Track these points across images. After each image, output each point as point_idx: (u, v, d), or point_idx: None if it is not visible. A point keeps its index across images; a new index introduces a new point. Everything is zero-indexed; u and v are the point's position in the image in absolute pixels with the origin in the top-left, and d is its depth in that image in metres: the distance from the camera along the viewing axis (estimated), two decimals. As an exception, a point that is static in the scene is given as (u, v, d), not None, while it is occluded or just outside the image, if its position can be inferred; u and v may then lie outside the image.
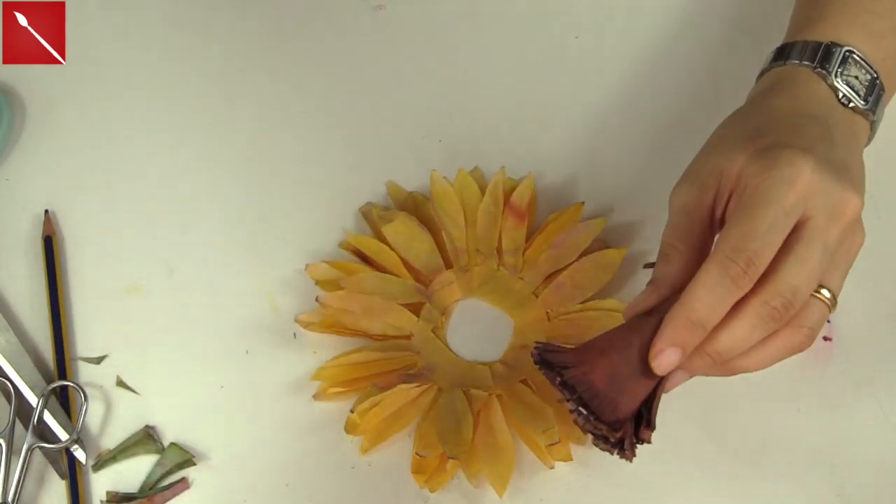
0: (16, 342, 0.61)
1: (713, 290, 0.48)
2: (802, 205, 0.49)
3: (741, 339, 0.49)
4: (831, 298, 0.51)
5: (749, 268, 0.48)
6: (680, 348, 0.48)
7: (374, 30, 0.73)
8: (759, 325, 0.48)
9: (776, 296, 0.48)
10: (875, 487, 0.57)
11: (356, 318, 0.60)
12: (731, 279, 0.48)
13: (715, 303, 0.48)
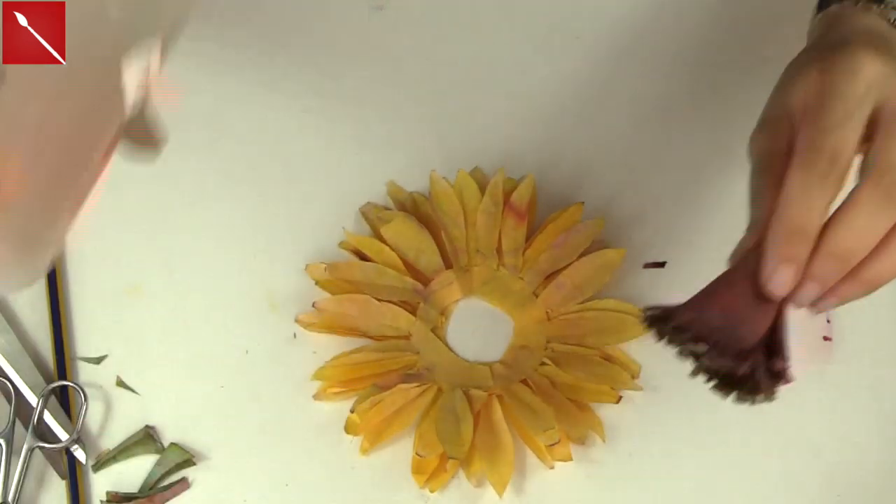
0: (16, 342, 0.61)
1: (804, 194, 0.46)
2: (875, 92, 0.47)
3: (863, 229, 0.45)
4: None
5: (834, 162, 0.45)
6: (791, 262, 0.46)
7: (374, 30, 0.73)
8: (878, 208, 0.45)
9: (884, 174, 0.45)
10: (875, 487, 0.57)
11: (354, 319, 0.60)
12: (818, 177, 0.45)
13: (810, 206, 0.45)
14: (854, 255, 0.46)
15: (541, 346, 0.60)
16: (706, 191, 0.66)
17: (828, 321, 0.61)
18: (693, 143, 0.68)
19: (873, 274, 0.46)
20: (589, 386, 0.59)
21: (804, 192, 0.46)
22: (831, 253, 0.46)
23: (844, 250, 0.46)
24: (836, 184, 0.46)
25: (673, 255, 0.64)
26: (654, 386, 0.60)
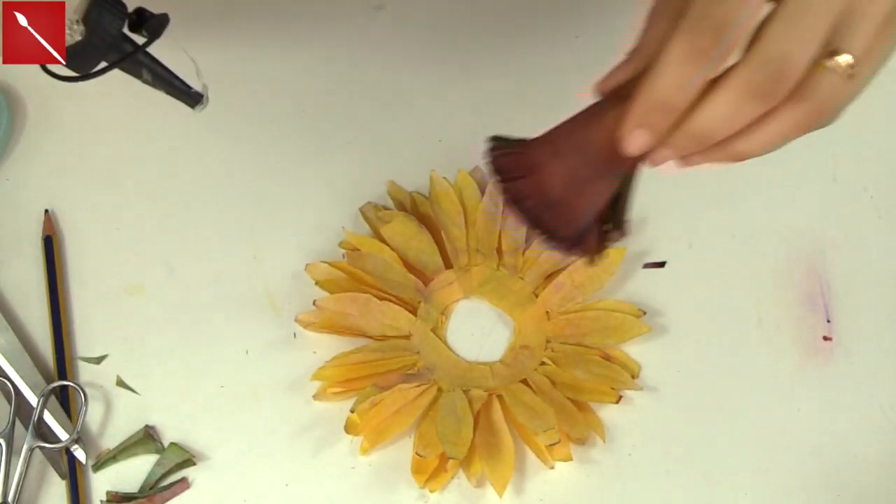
0: (16, 342, 0.61)
1: (679, 65, 0.41)
2: None
3: (724, 119, 0.42)
4: (848, 65, 0.42)
5: (718, 36, 0.41)
6: (649, 129, 0.43)
7: (374, 30, 0.73)
8: (744, 102, 0.41)
9: (760, 66, 0.41)
10: (875, 487, 0.57)
11: (354, 319, 0.60)
12: (697, 52, 0.41)
13: (681, 80, 0.41)
14: (714, 137, 0.43)
15: (541, 346, 0.60)
16: (706, 191, 0.66)
17: (828, 321, 0.61)
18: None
19: (735, 150, 0.44)
20: (589, 386, 0.59)
21: (679, 65, 0.41)
22: (691, 132, 0.42)
23: (705, 131, 0.42)
24: (718, 60, 0.41)
25: (673, 255, 0.64)
26: (654, 386, 0.60)
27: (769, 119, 0.43)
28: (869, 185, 0.66)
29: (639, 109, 0.42)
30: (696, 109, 0.42)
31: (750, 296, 0.62)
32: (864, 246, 0.64)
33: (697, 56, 0.41)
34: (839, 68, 0.41)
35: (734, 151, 0.44)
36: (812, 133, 0.69)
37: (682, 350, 0.61)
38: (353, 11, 0.73)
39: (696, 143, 0.43)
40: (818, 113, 0.42)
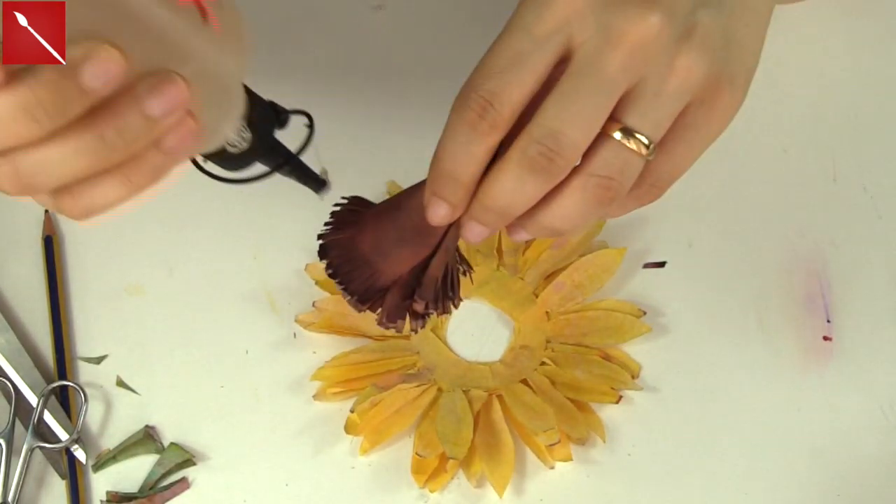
0: (16, 342, 0.61)
1: (454, 138, 0.42)
2: (564, 31, 0.41)
3: (512, 192, 0.42)
4: (633, 139, 0.42)
5: (486, 111, 0.41)
6: (443, 200, 0.43)
7: (374, 30, 0.73)
8: (524, 176, 0.41)
9: (532, 142, 0.41)
10: (875, 487, 0.57)
11: (354, 319, 0.60)
12: (468, 125, 0.41)
13: (458, 152, 0.42)
14: (510, 210, 0.43)
15: (541, 346, 0.60)
16: (706, 191, 0.66)
17: (828, 321, 0.61)
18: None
19: (542, 226, 0.44)
20: (589, 386, 0.59)
21: (454, 138, 0.42)
22: (484, 205, 0.43)
23: (499, 204, 0.43)
24: (489, 132, 0.41)
25: (673, 255, 0.64)
26: (654, 386, 0.60)
27: (561, 194, 0.42)
28: (869, 185, 0.66)
29: (431, 179, 0.43)
30: (485, 182, 0.42)
31: (750, 296, 0.62)
32: (864, 246, 0.64)
33: (467, 129, 0.41)
34: (630, 145, 0.41)
35: (542, 226, 0.44)
36: (812, 133, 0.70)
37: (682, 350, 0.61)
38: (353, 11, 0.73)
39: (496, 216, 0.43)
40: (607, 188, 0.42)
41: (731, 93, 0.43)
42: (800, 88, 0.69)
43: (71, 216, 0.39)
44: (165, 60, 0.37)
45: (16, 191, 0.37)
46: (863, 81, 0.70)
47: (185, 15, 0.37)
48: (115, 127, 0.36)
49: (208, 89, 0.39)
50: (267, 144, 0.45)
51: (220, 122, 0.41)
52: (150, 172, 0.38)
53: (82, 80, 0.34)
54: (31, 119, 0.34)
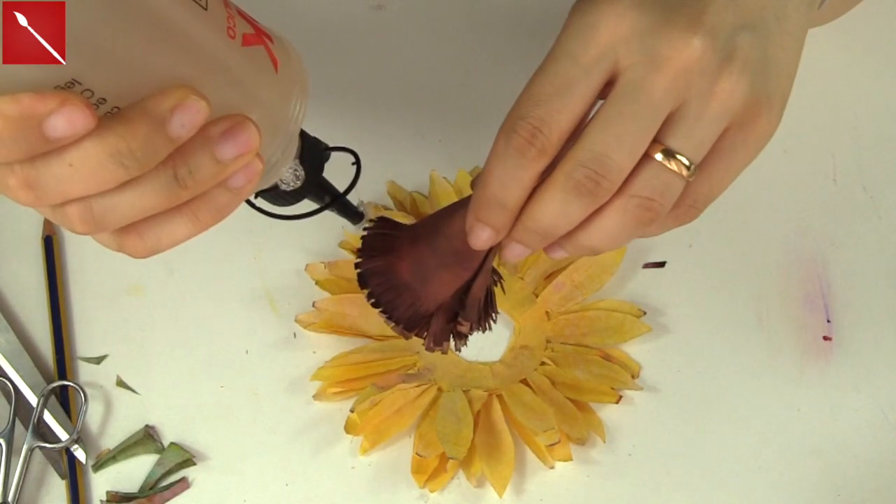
0: (16, 342, 0.61)
1: (502, 163, 0.43)
2: (610, 56, 0.42)
3: (556, 215, 0.43)
4: (675, 161, 0.42)
5: (535, 137, 0.42)
6: (487, 225, 0.44)
7: (374, 30, 0.73)
8: (569, 199, 0.42)
9: (577, 166, 0.41)
10: (875, 487, 0.57)
11: (354, 319, 0.60)
12: (516, 151, 0.42)
13: (506, 178, 0.43)
14: (553, 231, 0.44)
15: (541, 346, 0.60)
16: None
17: (828, 321, 0.61)
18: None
19: (582, 245, 0.45)
20: (589, 386, 0.59)
21: (502, 163, 0.43)
22: (528, 228, 0.44)
23: (541, 226, 0.43)
24: (536, 158, 0.42)
25: (673, 255, 0.64)
26: (654, 386, 0.60)
27: (603, 214, 0.43)
28: (869, 185, 0.66)
29: (475, 205, 0.44)
30: (529, 205, 0.43)
31: (750, 296, 0.62)
32: (864, 246, 0.64)
33: (515, 154, 0.42)
34: (672, 167, 0.42)
35: (582, 246, 0.44)
36: (812, 133, 0.70)
37: (682, 350, 0.61)
38: (353, 11, 0.73)
39: (539, 238, 0.44)
40: (648, 209, 0.43)
41: (767, 116, 0.44)
42: (800, 89, 0.69)
43: (134, 255, 0.40)
44: (238, 104, 0.38)
45: (85, 230, 0.37)
46: (863, 82, 0.70)
47: (258, 61, 0.39)
48: (188, 167, 0.37)
49: (273, 131, 0.40)
50: (317, 183, 0.46)
51: (279, 163, 0.43)
52: (216, 210, 0.39)
53: (171, 129, 0.35)
54: (119, 166, 0.35)
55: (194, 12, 0.36)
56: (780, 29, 0.45)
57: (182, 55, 0.36)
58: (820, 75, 0.70)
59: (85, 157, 0.35)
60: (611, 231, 0.44)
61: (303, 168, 0.45)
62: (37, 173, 0.35)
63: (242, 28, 0.39)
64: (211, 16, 0.37)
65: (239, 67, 0.38)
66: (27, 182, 0.35)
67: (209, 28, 0.37)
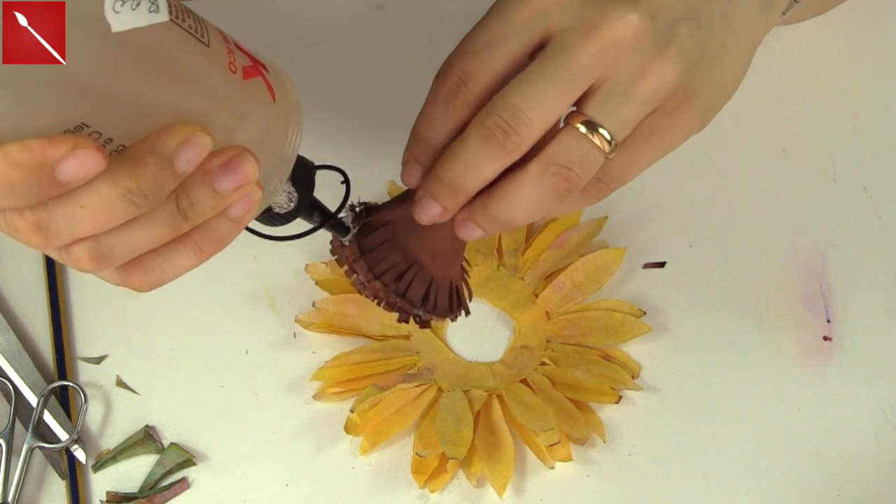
0: (16, 342, 0.61)
1: (431, 107, 0.45)
2: (543, 20, 0.43)
3: (465, 165, 0.43)
4: (598, 135, 0.43)
5: (460, 87, 0.43)
6: (411, 160, 0.46)
7: (374, 30, 0.73)
8: (479, 148, 0.43)
9: (490, 114, 0.42)
10: (875, 487, 0.57)
11: (354, 319, 0.60)
12: (442, 98, 0.44)
13: (433, 121, 0.44)
14: (462, 187, 0.44)
15: (541, 346, 0.60)
16: (706, 191, 0.66)
17: (828, 321, 0.61)
18: (693, 143, 0.68)
19: (496, 215, 0.45)
20: (589, 386, 0.59)
21: (429, 107, 0.44)
22: (440, 178, 0.44)
23: (450, 178, 0.44)
24: (459, 107, 0.43)
25: (673, 255, 0.64)
26: (654, 386, 0.60)
27: (519, 181, 0.43)
28: (869, 185, 0.66)
29: (408, 144, 0.46)
30: (443, 153, 0.44)
31: (750, 296, 0.62)
32: (864, 246, 0.64)
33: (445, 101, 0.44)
34: (594, 140, 0.43)
35: (495, 217, 0.45)
36: (812, 133, 0.70)
37: (682, 350, 0.61)
38: (353, 11, 0.73)
39: (449, 191, 0.44)
40: (565, 179, 0.43)
41: (688, 109, 0.45)
42: (800, 88, 0.69)
43: (138, 289, 0.41)
44: (238, 135, 0.39)
45: (92, 268, 0.38)
46: (863, 82, 0.70)
47: (257, 93, 0.40)
48: (189, 199, 0.38)
49: (271, 159, 0.41)
50: (309, 203, 0.47)
51: (276, 187, 0.44)
52: (218, 240, 0.40)
53: (177, 166, 0.36)
54: (130, 204, 0.35)
55: (199, 51, 0.37)
56: (725, 26, 0.45)
57: (187, 93, 0.36)
58: (820, 75, 0.70)
59: (96, 197, 0.35)
60: (523, 199, 0.44)
61: (295, 190, 0.46)
62: (48, 216, 0.35)
63: (241, 62, 0.39)
64: (213, 52, 0.38)
65: (240, 101, 0.39)
66: (38, 225, 0.35)
67: (213, 65, 0.38)
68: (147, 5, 0.34)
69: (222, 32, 0.39)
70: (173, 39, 0.36)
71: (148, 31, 0.34)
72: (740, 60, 0.46)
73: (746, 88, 0.68)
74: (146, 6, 0.34)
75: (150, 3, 0.34)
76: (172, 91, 0.36)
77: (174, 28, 0.35)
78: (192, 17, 0.37)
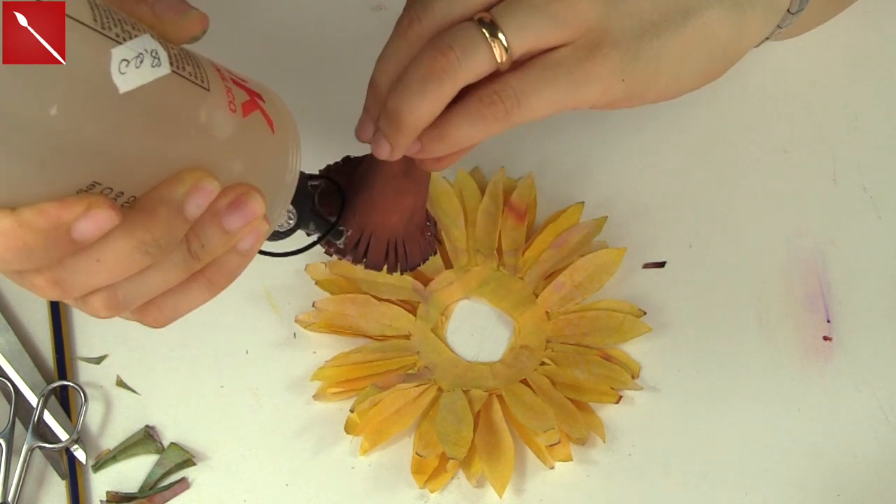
0: (16, 342, 0.61)
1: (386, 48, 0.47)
2: None
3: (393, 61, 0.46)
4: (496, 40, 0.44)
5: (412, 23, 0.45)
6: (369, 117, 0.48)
7: (374, 30, 0.72)
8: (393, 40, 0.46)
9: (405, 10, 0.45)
10: (875, 487, 0.57)
11: (354, 319, 0.60)
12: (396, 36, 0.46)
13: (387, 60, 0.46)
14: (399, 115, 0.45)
15: (541, 346, 0.60)
16: (706, 191, 0.66)
17: (828, 321, 0.61)
18: (693, 143, 0.68)
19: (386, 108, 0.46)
20: (589, 386, 0.59)
21: (384, 50, 0.46)
22: (385, 110, 0.46)
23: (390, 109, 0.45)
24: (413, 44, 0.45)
25: (673, 255, 0.64)
26: (654, 386, 0.60)
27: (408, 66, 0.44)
28: (869, 185, 0.66)
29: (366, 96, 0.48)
30: None
31: (750, 296, 0.62)
32: (864, 246, 0.64)
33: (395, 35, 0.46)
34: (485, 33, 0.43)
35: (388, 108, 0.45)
36: (812, 133, 0.70)
37: (682, 350, 0.61)
38: (353, 11, 0.73)
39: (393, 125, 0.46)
40: (443, 54, 0.43)
41: (606, 56, 0.44)
42: (800, 88, 0.69)
43: (154, 326, 0.42)
44: (242, 172, 0.39)
45: (108, 315, 0.39)
46: (863, 81, 0.70)
47: (257, 128, 0.40)
48: (199, 241, 0.38)
49: (274, 189, 0.42)
50: (308, 219, 0.48)
51: (280, 214, 0.44)
52: (228, 273, 0.41)
53: (187, 212, 0.37)
54: (144, 255, 0.36)
55: (200, 97, 0.37)
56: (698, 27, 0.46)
57: (192, 141, 0.37)
58: (820, 75, 0.70)
59: (112, 251, 0.36)
60: (407, 83, 0.44)
61: (295, 209, 0.47)
62: (65, 272, 0.36)
63: (240, 98, 0.40)
64: (213, 95, 0.38)
65: (242, 138, 0.39)
66: (55, 282, 0.36)
67: (214, 109, 0.38)
68: (150, 60, 0.35)
69: (218, 67, 0.40)
70: (175, 90, 0.36)
71: (152, 85, 0.35)
72: (687, 44, 0.46)
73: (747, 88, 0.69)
74: (149, 62, 0.34)
75: (153, 58, 0.35)
76: (178, 141, 0.37)
77: (175, 78, 0.36)
78: (190, 63, 0.37)
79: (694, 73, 0.47)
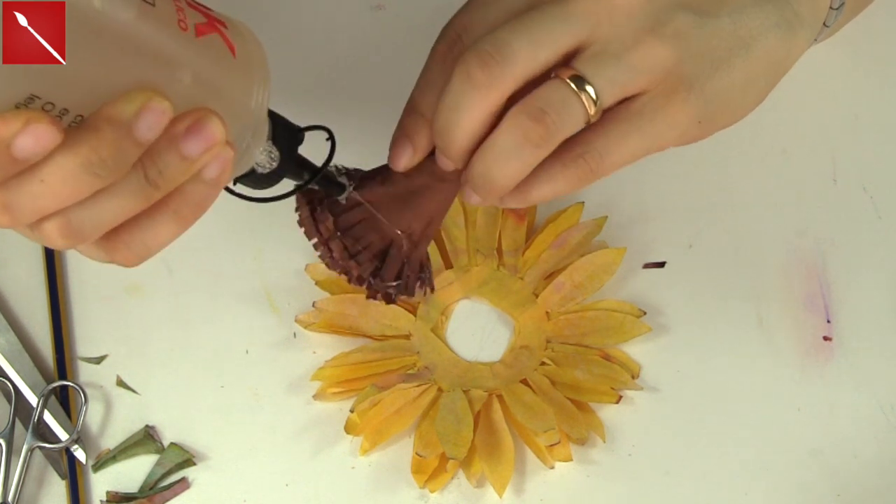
0: (16, 342, 0.61)
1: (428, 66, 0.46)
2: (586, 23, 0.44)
3: (454, 106, 0.44)
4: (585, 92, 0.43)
5: (456, 42, 0.45)
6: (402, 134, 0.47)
7: (374, 30, 0.73)
8: (464, 85, 0.43)
9: (476, 46, 0.43)
10: (875, 487, 0.57)
11: (354, 319, 0.60)
12: (439, 55, 0.45)
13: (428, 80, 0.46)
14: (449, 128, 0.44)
15: (541, 346, 0.60)
16: (706, 191, 0.66)
17: (828, 321, 0.61)
18: (693, 143, 0.68)
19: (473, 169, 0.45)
20: (589, 386, 0.59)
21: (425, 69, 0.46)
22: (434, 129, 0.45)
23: (439, 127, 0.44)
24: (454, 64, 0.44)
25: (673, 255, 0.64)
26: (654, 386, 0.60)
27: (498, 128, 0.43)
28: (869, 185, 0.66)
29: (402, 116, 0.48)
30: None
31: (750, 296, 0.62)
32: (864, 246, 0.64)
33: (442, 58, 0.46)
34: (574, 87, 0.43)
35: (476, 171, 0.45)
36: (812, 133, 0.70)
37: (682, 350, 0.61)
38: (353, 11, 0.73)
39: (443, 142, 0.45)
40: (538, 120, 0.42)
41: (685, 99, 0.44)
42: (800, 88, 0.69)
43: (126, 264, 0.40)
44: (200, 96, 0.38)
45: (65, 244, 0.37)
46: (863, 82, 0.70)
47: (214, 50, 0.39)
48: (157, 167, 0.37)
49: (238, 117, 0.40)
50: (293, 161, 0.46)
51: (251, 147, 0.43)
52: (196, 204, 0.40)
53: (138, 133, 0.35)
54: (92, 176, 0.35)
55: (143, 11, 0.36)
56: (733, 33, 0.45)
57: (137, 57, 0.35)
58: (820, 76, 0.70)
59: (57, 171, 0.34)
60: (500, 148, 0.43)
61: (276, 148, 0.45)
62: (10, 194, 0.35)
63: (194, 19, 0.38)
64: (159, 11, 0.36)
65: (195, 59, 0.38)
66: (2, 205, 0.35)
67: (160, 25, 0.36)
68: None
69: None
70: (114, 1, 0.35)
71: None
72: (750, 73, 0.46)
73: (746, 88, 0.68)
74: None
75: None
76: (120, 55, 0.35)
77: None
78: None
79: (756, 98, 0.48)
